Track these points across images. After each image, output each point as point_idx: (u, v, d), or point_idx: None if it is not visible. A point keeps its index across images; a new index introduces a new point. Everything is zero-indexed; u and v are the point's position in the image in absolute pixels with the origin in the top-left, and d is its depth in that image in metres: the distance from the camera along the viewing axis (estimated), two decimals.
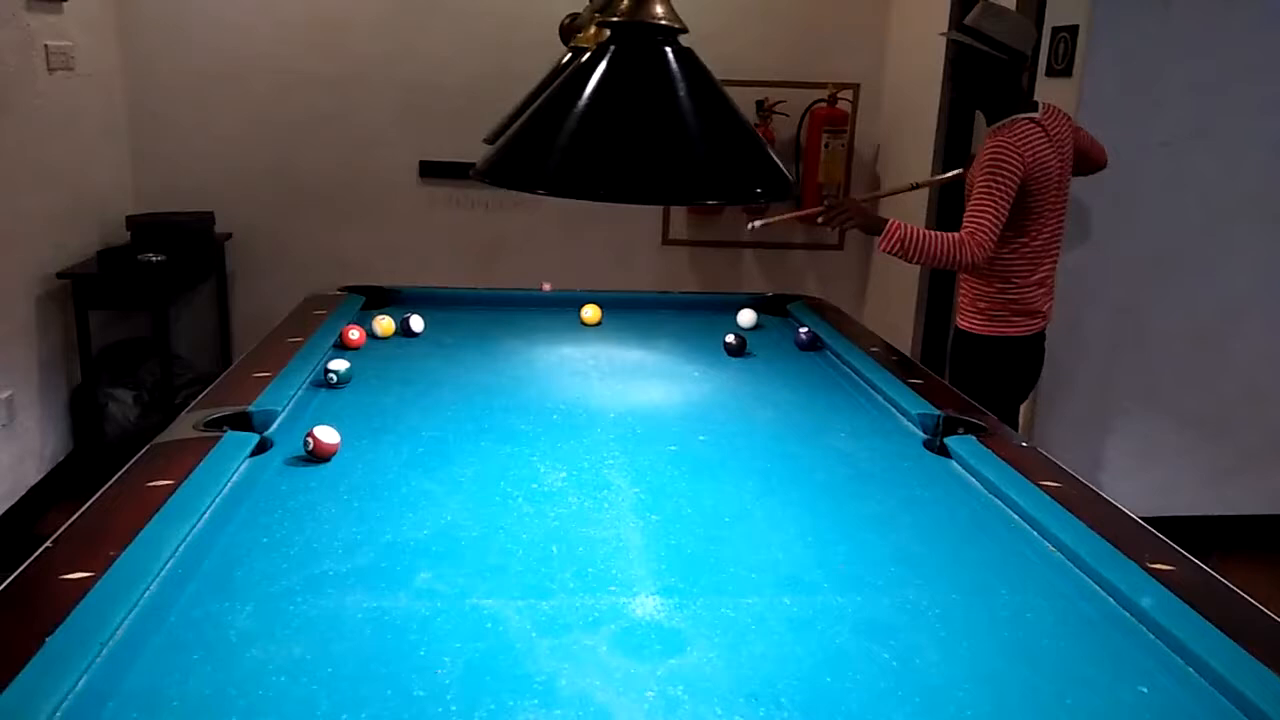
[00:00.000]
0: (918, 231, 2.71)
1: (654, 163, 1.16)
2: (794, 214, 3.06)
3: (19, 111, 3.48)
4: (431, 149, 4.70)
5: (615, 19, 1.19)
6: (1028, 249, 2.84)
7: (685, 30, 1.19)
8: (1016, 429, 3.04)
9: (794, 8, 4.74)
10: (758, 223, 2.90)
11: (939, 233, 2.71)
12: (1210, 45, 3.25)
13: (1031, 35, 2.88)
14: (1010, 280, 2.87)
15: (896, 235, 2.70)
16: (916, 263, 2.78)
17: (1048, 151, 2.75)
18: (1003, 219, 2.67)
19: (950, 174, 3.21)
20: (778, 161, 1.19)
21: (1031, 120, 2.76)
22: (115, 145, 4.34)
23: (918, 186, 3.33)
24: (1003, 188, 2.66)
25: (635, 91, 1.18)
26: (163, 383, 4.04)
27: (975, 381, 2.85)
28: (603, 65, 1.19)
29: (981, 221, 2.66)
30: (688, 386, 2.40)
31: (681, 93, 1.16)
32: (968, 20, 2.80)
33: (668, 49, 1.19)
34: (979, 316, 2.96)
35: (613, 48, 1.20)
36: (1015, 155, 2.68)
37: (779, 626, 1.31)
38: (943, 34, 3.01)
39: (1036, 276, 2.88)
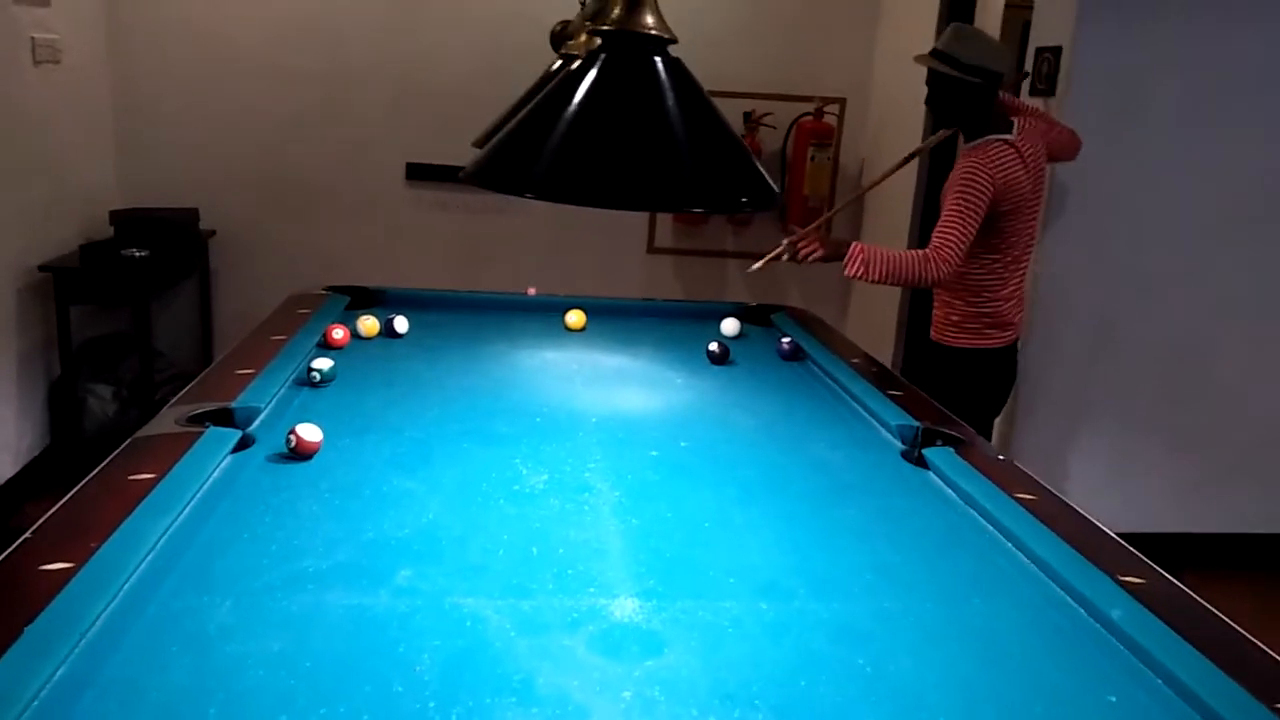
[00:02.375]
0: (880, 252, 2.73)
1: (641, 170, 1.17)
2: (772, 255, 2.99)
3: (3, 104, 3.47)
4: (419, 151, 4.70)
5: (606, 27, 1.21)
6: (999, 264, 2.89)
7: (675, 40, 1.21)
8: (989, 442, 3.08)
9: (782, 21, 4.78)
10: (756, 265, 2.93)
11: (903, 251, 2.75)
12: (1192, 66, 3.31)
13: (1005, 55, 2.91)
14: (981, 295, 2.92)
15: (859, 259, 2.72)
16: (882, 283, 2.78)
17: (1020, 173, 2.78)
18: (969, 237, 2.71)
19: (942, 133, 3.17)
20: (763, 172, 1.21)
21: (1005, 142, 2.79)
22: (100, 139, 4.33)
23: (914, 155, 3.29)
24: (972, 207, 2.71)
25: (624, 99, 1.19)
26: (142, 379, 4.02)
27: (950, 394, 2.87)
28: (593, 73, 1.21)
29: (948, 238, 2.70)
30: (670, 393, 2.42)
31: (670, 102, 1.17)
32: (940, 45, 2.83)
33: (657, 59, 1.21)
34: (952, 329, 3.00)
35: (603, 55, 1.22)
36: (986, 176, 2.72)
37: (755, 630, 1.33)
38: (917, 58, 3.01)
39: (1006, 290, 2.93)
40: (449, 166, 4.68)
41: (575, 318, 2.94)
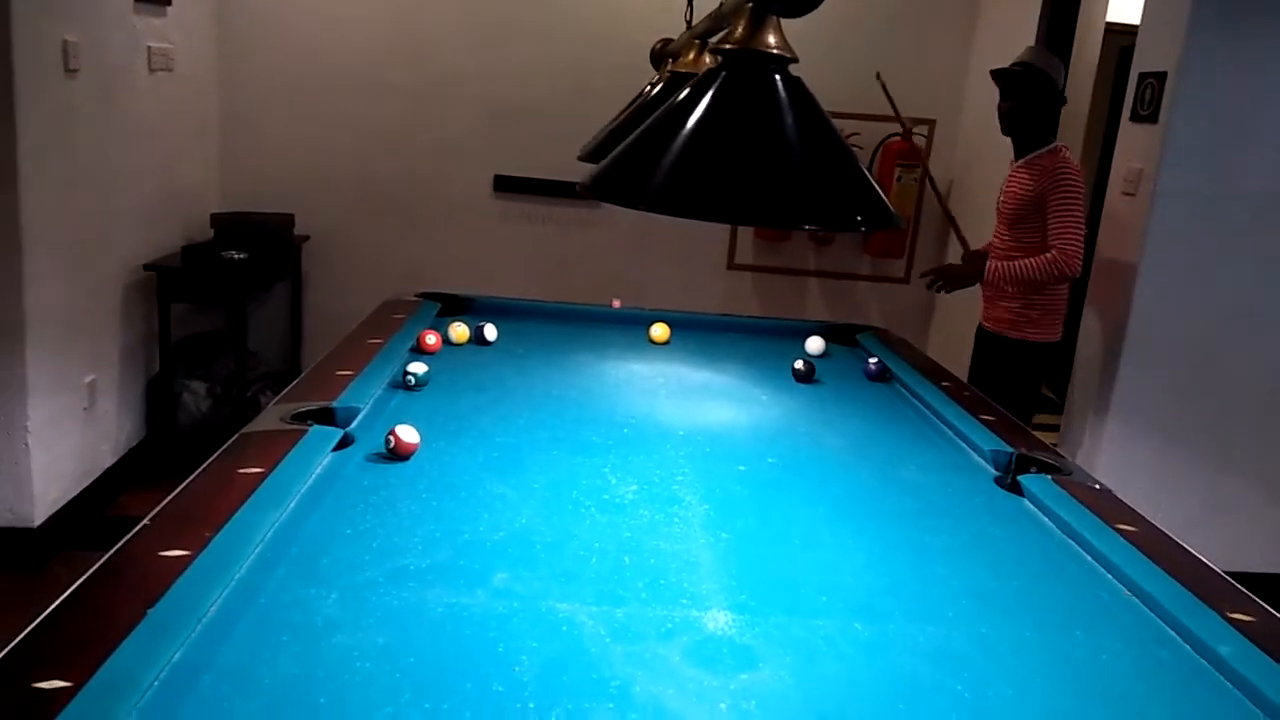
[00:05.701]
0: (1008, 269, 3.13)
1: (757, 186, 1.18)
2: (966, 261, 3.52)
3: (120, 108, 3.62)
4: (506, 164, 4.78)
5: (729, 46, 1.22)
6: None
7: (796, 60, 1.22)
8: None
9: (875, 42, 4.75)
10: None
11: (1030, 260, 3.09)
12: None
13: None
14: (1059, 289, 3.28)
15: (1002, 286, 3.18)
16: (1019, 291, 3.20)
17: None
18: (1085, 230, 3.08)
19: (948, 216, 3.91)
20: (880, 193, 1.21)
21: (1065, 147, 3.22)
22: (205, 145, 4.49)
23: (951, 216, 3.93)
24: (1081, 203, 3.08)
25: (743, 117, 1.20)
26: (235, 376, 4.15)
27: (1025, 389, 3.17)
28: (712, 91, 1.22)
29: (1076, 235, 3.05)
30: (755, 409, 2.42)
31: (789, 120, 1.18)
32: (1027, 59, 3.22)
33: (777, 77, 1.22)
34: (1030, 325, 3.27)
35: (723, 74, 1.23)
36: (1078, 176, 3.11)
37: (850, 650, 1.32)
38: (1017, 64, 3.24)
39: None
40: (535, 180, 4.76)
41: (660, 331, 2.95)
